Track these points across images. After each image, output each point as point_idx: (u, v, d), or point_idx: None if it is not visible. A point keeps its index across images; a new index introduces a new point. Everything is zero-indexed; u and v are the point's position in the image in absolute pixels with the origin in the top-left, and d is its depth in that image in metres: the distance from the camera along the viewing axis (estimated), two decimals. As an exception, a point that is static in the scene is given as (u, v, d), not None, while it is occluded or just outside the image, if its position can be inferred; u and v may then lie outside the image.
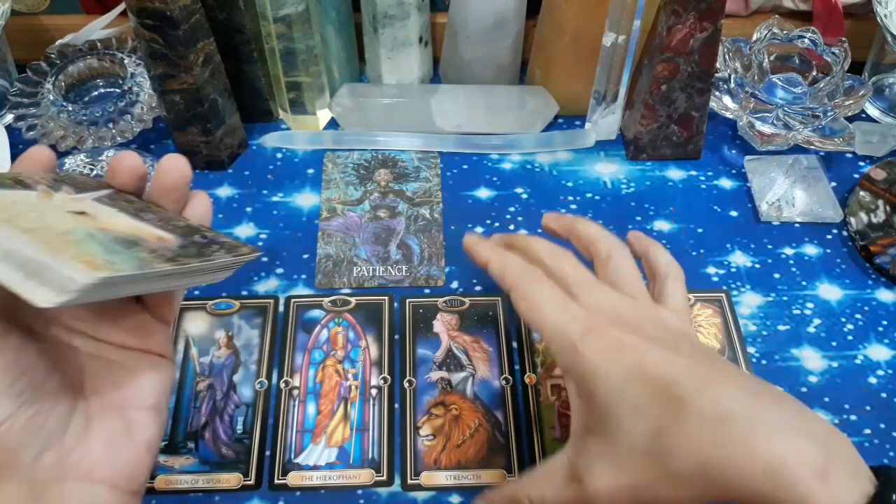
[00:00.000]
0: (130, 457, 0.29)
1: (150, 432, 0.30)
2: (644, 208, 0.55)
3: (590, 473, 0.32)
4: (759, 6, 0.63)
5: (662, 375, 0.31)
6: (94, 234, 0.26)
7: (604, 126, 0.58)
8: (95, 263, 0.24)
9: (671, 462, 0.29)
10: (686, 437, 0.29)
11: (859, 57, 0.60)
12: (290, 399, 0.45)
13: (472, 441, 0.44)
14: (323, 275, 0.51)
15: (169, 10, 0.47)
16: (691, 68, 0.52)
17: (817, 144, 0.56)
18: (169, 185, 0.33)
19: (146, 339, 0.31)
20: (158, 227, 0.30)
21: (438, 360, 0.47)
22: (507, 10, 0.57)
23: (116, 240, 0.27)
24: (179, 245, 0.29)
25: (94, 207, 0.29)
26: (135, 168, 0.32)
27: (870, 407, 0.46)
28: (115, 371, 0.30)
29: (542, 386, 0.46)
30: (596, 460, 0.32)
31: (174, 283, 0.30)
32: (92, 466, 0.28)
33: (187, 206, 0.34)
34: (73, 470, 0.28)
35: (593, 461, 0.32)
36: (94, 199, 0.30)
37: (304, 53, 0.55)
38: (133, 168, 0.32)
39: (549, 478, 0.34)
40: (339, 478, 0.43)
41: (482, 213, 0.55)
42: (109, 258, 0.25)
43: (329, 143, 0.59)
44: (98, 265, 0.24)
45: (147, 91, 0.57)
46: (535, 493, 0.34)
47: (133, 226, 0.29)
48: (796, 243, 0.53)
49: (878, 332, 0.49)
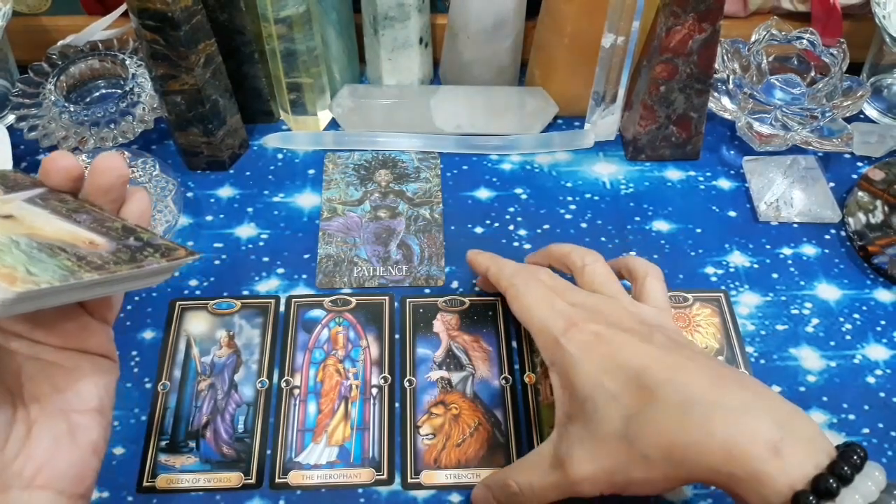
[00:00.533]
0: (75, 460, 0.29)
1: (95, 434, 0.30)
2: (643, 209, 0.56)
3: (571, 458, 0.34)
4: (758, 7, 0.63)
5: (635, 365, 0.34)
6: (18, 240, 0.25)
7: (603, 127, 0.59)
8: (15, 277, 0.23)
9: (640, 445, 0.32)
10: (654, 422, 0.32)
11: (857, 58, 0.60)
12: (290, 398, 0.46)
13: (471, 440, 0.44)
14: (323, 275, 0.51)
15: (170, 11, 0.47)
16: (690, 69, 0.53)
17: (815, 145, 0.57)
18: (104, 185, 0.31)
19: (86, 340, 0.30)
20: (91, 229, 0.29)
21: (438, 359, 0.47)
22: (506, 11, 0.57)
23: (42, 247, 0.25)
24: (111, 250, 0.28)
25: (23, 209, 0.28)
26: (69, 169, 0.31)
27: (868, 406, 0.46)
28: (54, 373, 0.29)
29: (542, 385, 0.46)
30: (576, 446, 0.34)
31: (104, 290, 0.29)
32: (35, 473, 0.28)
33: (125, 205, 0.33)
34: (17, 478, 0.27)
35: (574, 447, 0.34)
36: (24, 199, 0.29)
37: (305, 54, 0.55)
38: (67, 169, 0.31)
39: (536, 464, 0.37)
40: (339, 477, 0.43)
41: (482, 213, 0.55)
42: (32, 269, 0.24)
43: (330, 143, 0.59)
44: (17, 278, 0.22)
45: (148, 92, 0.57)
46: (523, 478, 0.37)
47: (63, 230, 0.27)
48: (795, 243, 0.54)
49: (877, 331, 0.49)
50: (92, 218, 0.30)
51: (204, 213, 0.55)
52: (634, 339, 0.35)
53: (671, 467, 0.31)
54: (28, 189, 0.30)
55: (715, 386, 0.32)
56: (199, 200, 0.56)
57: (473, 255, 0.46)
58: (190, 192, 0.56)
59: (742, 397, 0.32)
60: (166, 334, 0.48)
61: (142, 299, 0.50)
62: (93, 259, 0.26)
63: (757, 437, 0.30)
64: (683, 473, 0.31)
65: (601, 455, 0.33)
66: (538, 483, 0.36)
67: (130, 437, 0.44)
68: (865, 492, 0.28)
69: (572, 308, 0.38)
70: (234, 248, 0.53)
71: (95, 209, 0.31)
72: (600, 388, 0.34)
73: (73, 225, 0.28)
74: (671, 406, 0.32)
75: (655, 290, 0.40)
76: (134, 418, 0.45)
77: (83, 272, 0.25)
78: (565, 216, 0.55)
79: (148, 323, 0.49)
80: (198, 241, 0.53)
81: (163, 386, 0.46)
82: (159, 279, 0.32)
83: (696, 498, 0.42)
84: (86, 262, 0.26)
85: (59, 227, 0.28)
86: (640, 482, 0.33)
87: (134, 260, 0.28)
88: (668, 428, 0.31)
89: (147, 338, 0.48)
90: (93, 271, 0.26)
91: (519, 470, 0.38)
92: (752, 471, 0.29)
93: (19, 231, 0.26)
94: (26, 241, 0.25)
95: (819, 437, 0.31)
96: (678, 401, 0.32)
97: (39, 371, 0.29)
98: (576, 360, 0.35)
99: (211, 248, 0.53)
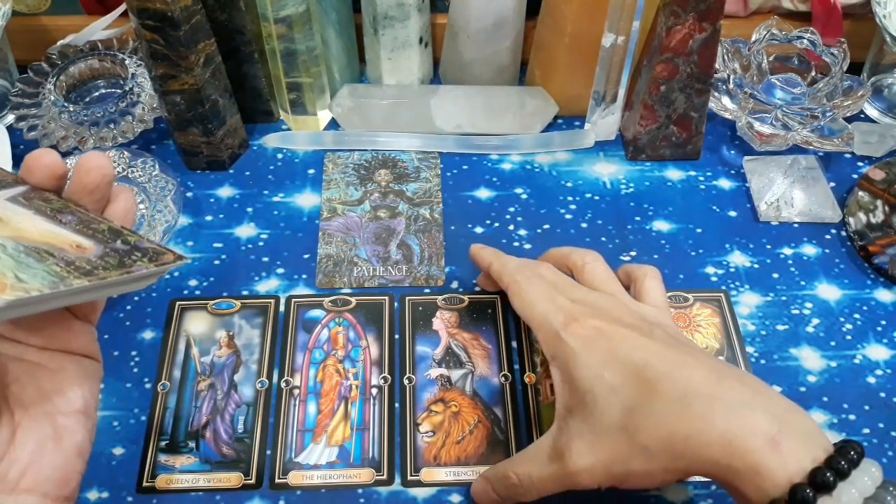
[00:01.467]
0: (60, 463, 0.29)
1: (80, 437, 0.29)
2: (643, 208, 0.56)
3: (570, 450, 0.34)
4: (758, 7, 0.63)
5: (636, 359, 0.34)
6: (4, 244, 0.25)
7: (603, 126, 0.59)
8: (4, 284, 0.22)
9: (641, 437, 0.32)
10: (654, 415, 0.32)
11: (858, 57, 0.60)
12: (290, 398, 0.46)
13: (471, 437, 0.44)
14: (323, 275, 0.51)
15: (170, 10, 0.47)
16: (690, 69, 0.52)
17: (816, 145, 0.56)
18: (89, 184, 0.31)
19: (70, 341, 0.30)
20: (78, 232, 0.28)
21: (438, 357, 0.47)
22: (506, 10, 0.57)
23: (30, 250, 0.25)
24: (99, 254, 0.27)
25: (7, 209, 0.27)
26: (53, 167, 0.30)
27: (868, 406, 0.46)
28: (38, 375, 0.29)
29: (542, 385, 0.46)
30: (575, 438, 0.34)
31: (92, 296, 0.28)
32: (20, 476, 0.28)
33: (110, 205, 0.32)
34: (1, 482, 0.27)
35: (573, 439, 0.35)
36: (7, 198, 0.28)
37: (305, 54, 0.55)
38: (51, 167, 0.30)
39: (535, 456, 0.37)
40: (339, 477, 0.43)
41: (482, 213, 0.55)
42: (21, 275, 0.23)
43: (329, 143, 0.59)
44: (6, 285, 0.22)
45: (148, 91, 0.57)
46: (522, 470, 0.37)
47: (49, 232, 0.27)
48: (795, 243, 0.54)
49: (877, 331, 0.49)
50: (77, 219, 0.29)
51: (204, 213, 0.55)
52: (635, 334, 0.35)
53: (671, 459, 0.32)
54: (9, 187, 0.29)
55: (715, 381, 0.32)
56: (199, 200, 0.56)
57: (477, 249, 0.47)
58: (190, 191, 0.56)
59: (741, 392, 0.32)
60: (166, 334, 0.48)
61: (141, 299, 0.50)
62: (81, 264, 0.26)
63: (756, 431, 0.30)
64: (683, 465, 0.32)
65: (600, 447, 0.34)
66: (537, 474, 0.36)
67: (130, 437, 0.44)
68: (862, 487, 0.29)
69: (573, 304, 0.38)
70: (234, 248, 0.53)
71: (80, 209, 0.30)
72: (600, 380, 0.34)
73: (59, 227, 0.28)
74: (672, 399, 0.32)
75: (654, 290, 0.41)
76: (133, 418, 0.45)
77: (72, 278, 0.25)
78: (565, 216, 0.55)
79: (147, 323, 0.49)
80: (197, 241, 0.53)
81: (162, 386, 0.46)
82: (146, 283, 0.31)
83: (697, 498, 0.42)
84: (74, 268, 0.25)
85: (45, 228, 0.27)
86: (639, 474, 0.33)
87: (122, 265, 0.28)
88: (668, 420, 0.32)
89: (147, 338, 0.48)
90: (82, 277, 0.25)
91: (518, 462, 0.38)
92: (752, 463, 0.30)
93: (5, 233, 0.25)
94: (13, 245, 0.25)
95: (817, 432, 0.31)
96: (679, 394, 0.32)
97: (24, 373, 0.29)
98: (576, 354, 0.35)
99: (211, 248, 0.53)
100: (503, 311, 0.49)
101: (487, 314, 0.49)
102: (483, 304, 0.50)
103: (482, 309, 0.50)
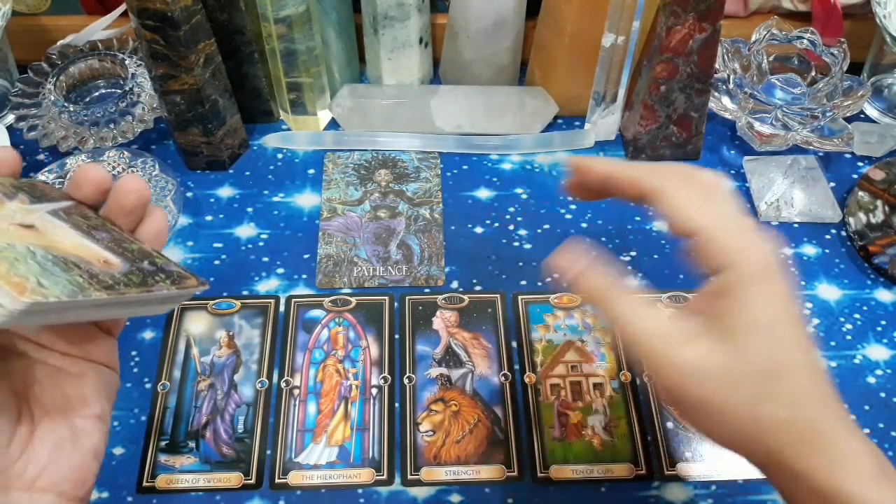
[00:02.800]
0: (76, 464, 0.29)
1: (96, 440, 0.30)
2: (643, 208, 0.55)
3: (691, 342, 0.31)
4: (758, 7, 0.63)
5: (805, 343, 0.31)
6: (34, 251, 0.25)
7: (603, 127, 0.59)
8: (25, 287, 0.23)
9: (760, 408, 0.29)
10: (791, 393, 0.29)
11: (858, 57, 0.60)
12: (290, 398, 0.46)
13: (471, 436, 0.44)
14: (323, 275, 0.51)
15: (170, 10, 0.47)
16: (690, 69, 0.52)
17: (816, 145, 0.56)
18: (126, 206, 0.32)
19: (91, 349, 0.31)
20: (108, 248, 0.29)
21: (438, 356, 0.47)
22: (506, 10, 0.57)
23: (57, 260, 0.26)
24: (124, 271, 0.28)
25: (45, 221, 0.28)
26: (100, 182, 0.31)
27: (868, 406, 0.46)
28: (60, 378, 0.30)
29: (542, 385, 0.46)
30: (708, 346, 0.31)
31: (111, 312, 0.29)
32: (37, 474, 0.28)
33: (142, 224, 0.33)
34: (18, 479, 0.28)
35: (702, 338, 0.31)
36: (48, 211, 0.29)
37: (305, 54, 0.55)
38: (98, 181, 0.31)
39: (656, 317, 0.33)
40: (339, 477, 0.43)
41: (482, 213, 0.55)
42: (43, 281, 0.24)
43: (329, 143, 0.59)
44: (27, 288, 0.23)
45: (148, 91, 0.57)
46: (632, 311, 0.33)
47: (80, 245, 0.28)
48: (795, 243, 0.54)
49: (877, 331, 0.49)
50: (111, 237, 0.30)
51: (204, 213, 0.55)
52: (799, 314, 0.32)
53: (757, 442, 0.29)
54: (54, 202, 0.30)
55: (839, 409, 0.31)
56: (199, 200, 0.56)
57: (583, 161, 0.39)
58: (190, 191, 0.56)
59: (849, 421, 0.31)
60: (166, 334, 0.48)
61: (141, 299, 0.50)
62: (104, 278, 0.27)
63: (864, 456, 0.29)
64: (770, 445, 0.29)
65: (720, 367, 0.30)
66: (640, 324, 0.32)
67: (130, 437, 0.44)
68: None
69: None
70: (234, 248, 0.53)
71: (115, 229, 0.31)
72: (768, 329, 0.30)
73: (91, 241, 0.29)
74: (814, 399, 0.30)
75: None
76: (134, 418, 0.45)
77: (92, 290, 0.25)
78: (565, 216, 0.55)
79: (148, 323, 0.49)
80: (197, 240, 0.53)
81: (162, 386, 0.46)
82: (167, 307, 0.32)
83: (697, 498, 0.42)
84: (97, 281, 0.26)
85: (77, 242, 0.28)
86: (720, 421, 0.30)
87: (144, 284, 0.28)
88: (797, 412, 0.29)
89: (147, 338, 0.48)
90: (102, 290, 0.26)
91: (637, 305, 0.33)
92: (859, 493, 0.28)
93: (38, 242, 0.26)
94: (42, 253, 0.26)
95: None
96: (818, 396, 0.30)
97: (46, 376, 0.29)
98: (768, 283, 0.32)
99: (211, 248, 0.53)
100: (503, 310, 0.50)
101: (487, 313, 0.49)
102: (483, 304, 0.50)
103: (482, 308, 0.50)
